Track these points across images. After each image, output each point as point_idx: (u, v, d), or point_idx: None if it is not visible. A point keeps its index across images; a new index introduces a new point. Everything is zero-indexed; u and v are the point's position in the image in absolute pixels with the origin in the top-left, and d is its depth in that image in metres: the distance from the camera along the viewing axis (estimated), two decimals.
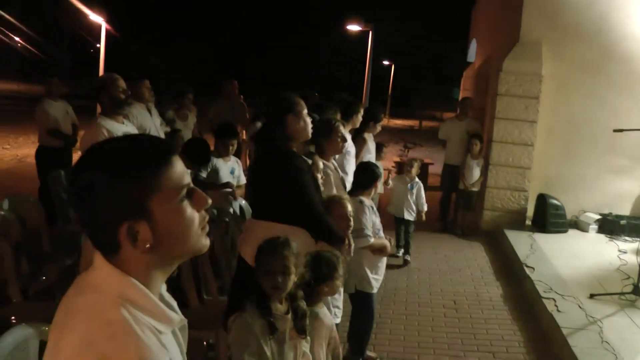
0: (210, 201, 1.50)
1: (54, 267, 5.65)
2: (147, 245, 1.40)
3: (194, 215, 1.47)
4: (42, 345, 3.24)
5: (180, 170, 1.45)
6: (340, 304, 4.53)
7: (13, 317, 4.51)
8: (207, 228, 1.52)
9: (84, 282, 1.46)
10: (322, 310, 3.57)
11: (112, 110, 5.09)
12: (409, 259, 8.39)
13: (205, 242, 1.51)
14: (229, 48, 50.91)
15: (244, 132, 10.81)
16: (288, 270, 3.08)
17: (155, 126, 7.12)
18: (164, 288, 1.54)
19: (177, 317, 1.49)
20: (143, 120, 6.81)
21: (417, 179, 8.43)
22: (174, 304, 1.56)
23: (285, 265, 3.07)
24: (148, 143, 1.47)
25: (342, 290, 4.52)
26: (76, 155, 8.85)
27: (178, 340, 1.55)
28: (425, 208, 8.37)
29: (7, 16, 47.80)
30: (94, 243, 1.44)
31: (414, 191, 8.32)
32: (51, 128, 8.65)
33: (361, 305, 5.13)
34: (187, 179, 1.47)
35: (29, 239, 6.03)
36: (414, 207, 8.33)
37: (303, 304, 3.19)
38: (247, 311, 3.02)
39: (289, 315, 3.11)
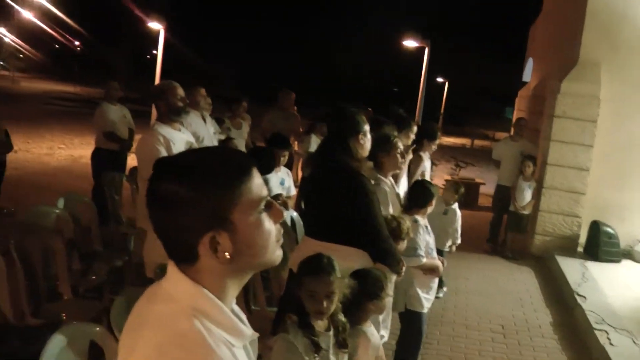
0: (285, 214, 1.50)
1: (104, 266, 5.73)
2: (227, 256, 1.40)
3: (271, 227, 1.47)
4: (92, 345, 3.27)
5: (260, 182, 1.47)
6: (389, 323, 4.47)
7: (63, 314, 4.56)
8: (282, 240, 1.52)
9: (157, 291, 1.46)
10: (370, 329, 3.52)
11: (169, 117, 5.13)
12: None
13: (280, 254, 1.52)
14: (287, 58, 51.28)
15: (296, 143, 10.83)
16: (332, 295, 3.03)
17: (209, 134, 7.16)
18: (233, 301, 1.53)
19: (249, 330, 1.49)
20: (197, 128, 6.86)
21: (454, 205, 7.25)
22: (244, 317, 1.54)
23: (330, 290, 3.02)
24: (230, 155, 1.49)
25: (390, 309, 4.47)
26: (131, 159, 8.98)
27: (249, 355, 1.54)
28: (458, 240, 7.25)
29: (67, 19, 49.00)
30: (169, 253, 1.45)
31: (447, 218, 7.17)
32: (108, 131, 8.79)
33: (410, 324, 5.05)
34: (266, 191, 1.48)
35: (81, 238, 6.13)
36: (448, 236, 7.13)
37: (342, 317, 3.15)
38: (289, 331, 2.98)
39: (331, 332, 3.07)
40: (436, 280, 5.17)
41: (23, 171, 12.71)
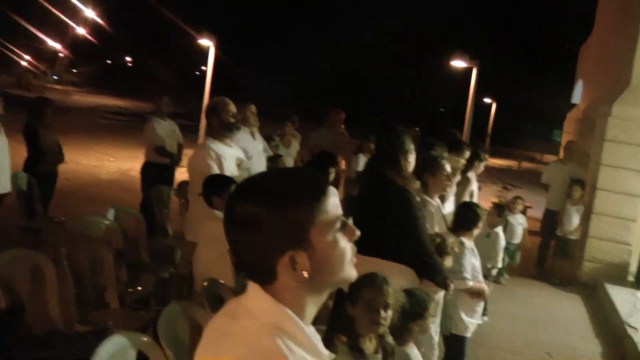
0: (358, 233, 1.50)
1: (150, 277, 5.80)
2: (305, 275, 1.42)
3: (346, 246, 1.49)
4: (139, 355, 3.31)
5: (335, 201, 1.48)
6: (436, 346, 4.43)
7: (110, 322, 4.62)
8: (355, 259, 1.52)
9: (238, 308, 1.48)
10: (413, 351, 3.50)
11: (220, 133, 5.19)
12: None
13: (354, 272, 1.52)
14: (334, 77, 51.43)
15: (343, 162, 10.83)
16: (389, 306, 3.04)
17: (258, 151, 7.21)
18: (310, 321, 1.55)
19: (325, 351, 1.50)
20: (246, 145, 6.90)
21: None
22: (319, 338, 1.55)
23: (387, 301, 3.04)
24: (307, 175, 1.52)
25: (438, 331, 4.43)
26: (179, 173, 9.08)
27: None
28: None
29: (119, 36, 50.14)
30: (247, 272, 1.48)
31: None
32: (158, 145, 8.89)
33: (453, 348, 4.99)
34: (340, 210, 1.49)
35: (129, 249, 6.21)
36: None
37: (390, 340, 3.15)
38: (338, 352, 2.98)
39: (379, 355, 3.07)
40: (481, 304, 5.12)
41: (73, 182, 12.95)
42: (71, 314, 4.66)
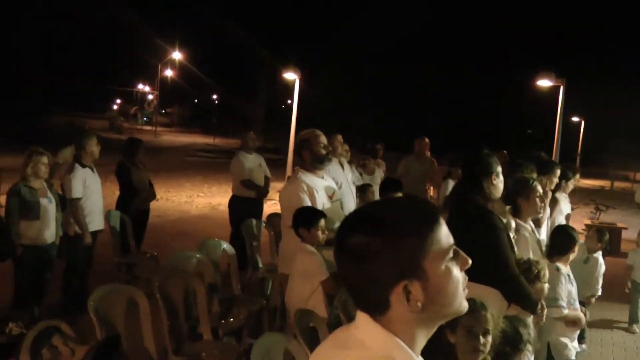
0: (470, 262, 1.48)
1: (242, 310, 5.82)
2: (419, 305, 1.40)
3: (459, 275, 1.47)
4: None
5: (447, 230, 1.46)
6: None
7: (203, 354, 4.67)
8: (467, 290, 1.49)
9: (348, 338, 1.47)
10: None
11: (312, 165, 5.21)
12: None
13: (466, 304, 1.50)
14: (419, 103, 51.19)
15: (432, 188, 10.74)
16: (489, 332, 2.96)
17: (347, 181, 7.21)
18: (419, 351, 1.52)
19: None
20: (335, 175, 6.90)
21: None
22: None
23: (487, 328, 2.96)
24: (419, 204, 1.50)
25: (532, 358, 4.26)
26: (267, 206, 9.18)
27: None
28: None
29: (205, 76, 51.56)
30: (358, 302, 1.46)
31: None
32: (245, 179, 9.03)
33: None
34: (452, 239, 1.47)
35: (221, 282, 6.29)
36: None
37: None
38: None
39: None
40: (577, 333, 4.90)
41: (165, 219, 13.29)
42: (165, 345, 4.74)
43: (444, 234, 1.44)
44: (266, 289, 7.17)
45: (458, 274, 1.45)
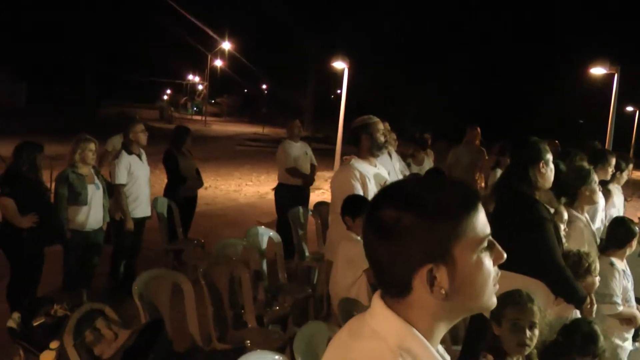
0: (505, 256, 1.39)
1: (288, 298, 5.78)
2: (443, 293, 1.31)
3: (491, 269, 1.37)
4: None
5: (484, 219, 1.37)
6: None
7: (248, 341, 4.64)
8: (498, 286, 1.40)
9: (361, 327, 1.40)
10: None
11: (369, 152, 5.13)
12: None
13: (495, 300, 1.40)
14: (469, 92, 50.45)
15: (482, 178, 10.55)
16: (535, 326, 2.85)
17: (395, 170, 7.11)
18: (438, 342, 1.44)
19: None
20: (383, 163, 6.83)
21: None
22: (448, 358, 1.45)
23: (533, 321, 2.84)
24: (458, 186, 1.41)
25: None
26: (314, 195, 9.12)
27: None
28: None
29: (254, 66, 51.78)
30: (380, 282, 1.39)
31: None
32: (290, 167, 9.00)
33: None
34: (489, 229, 1.37)
35: (267, 270, 6.26)
36: None
37: None
38: None
39: None
40: (632, 331, 4.70)
41: (213, 206, 13.35)
42: (210, 332, 4.73)
43: (481, 222, 1.35)
44: (312, 278, 7.12)
45: (490, 266, 1.36)
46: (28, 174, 5.95)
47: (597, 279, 4.00)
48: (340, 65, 17.08)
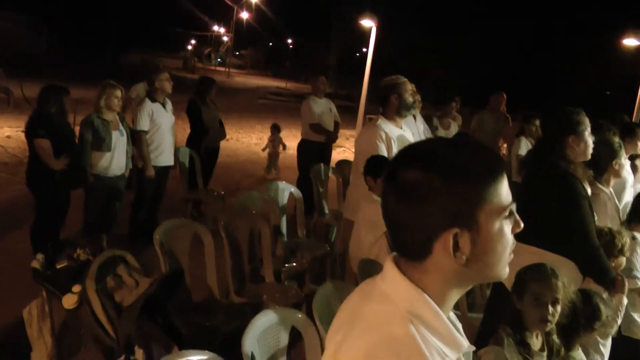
0: (522, 225, 1.34)
1: (306, 254, 5.79)
2: (464, 258, 1.28)
3: (510, 237, 1.33)
4: (293, 331, 3.27)
5: (507, 186, 1.33)
6: (606, 350, 4.05)
7: (265, 296, 4.67)
8: (512, 256, 1.36)
9: (372, 289, 1.38)
10: (580, 356, 3.20)
11: (397, 112, 5.06)
12: None
13: (507, 271, 1.36)
14: (496, 60, 49.78)
15: (505, 146, 10.45)
16: (558, 302, 2.81)
17: (418, 132, 7.03)
18: (451, 309, 1.41)
19: (465, 342, 1.35)
20: (407, 125, 6.77)
21: None
22: (460, 326, 1.41)
23: (556, 297, 2.81)
24: (484, 150, 1.35)
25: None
26: (336, 153, 9.07)
27: None
28: None
29: (280, 19, 51.40)
30: (396, 244, 1.35)
31: None
32: (314, 123, 8.94)
33: (627, 353, 4.54)
34: (511, 197, 1.33)
35: (286, 225, 6.27)
36: None
37: (557, 340, 2.90)
38: (503, 343, 2.78)
39: (545, 353, 2.85)
40: None
41: (235, 158, 13.38)
42: (228, 285, 4.75)
43: (505, 189, 1.31)
44: (330, 236, 7.13)
45: (510, 235, 1.33)
46: (57, 116, 5.97)
47: (624, 258, 3.95)
48: (367, 23, 16.84)
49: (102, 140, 6.19)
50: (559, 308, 2.85)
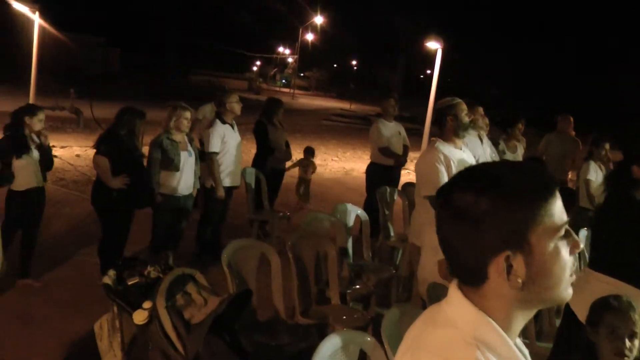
0: (582, 246, 1.30)
1: (372, 277, 5.75)
2: (519, 282, 1.26)
3: (568, 259, 1.30)
4: (360, 354, 3.24)
5: (561, 206, 1.30)
6: None
7: (331, 317, 4.65)
8: (575, 277, 1.32)
9: (438, 314, 1.36)
10: None
11: (455, 133, 5.01)
12: None
13: (571, 292, 1.32)
14: (564, 82, 48.91)
15: (574, 169, 10.21)
16: (636, 336, 2.69)
17: (485, 155, 6.93)
18: (517, 335, 1.37)
19: None
20: (473, 148, 6.64)
21: None
22: (527, 352, 1.38)
23: (634, 330, 2.70)
24: (536, 171, 1.34)
25: None
26: (404, 175, 9.00)
27: None
28: None
29: (345, 41, 51.63)
30: (454, 269, 1.34)
31: None
32: (383, 146, 8.89)
33: None
34: (566, 216, 1.30)
35: (353, 247, 6.24)
36: None
37: None
38: None
39: None
40: None
41: (296, 179, 13.42)
42: (294, 305, 4.74)
43: (559, 209, 1.29)
44: (396, 258, 7.07)
45: (567, 256, 1.29)
46: (125, 137, 6.09)
47: None
48: (433, 45, 16.80)
49: (170, 161, 6.30)
50: (636, 343, 2.74)
